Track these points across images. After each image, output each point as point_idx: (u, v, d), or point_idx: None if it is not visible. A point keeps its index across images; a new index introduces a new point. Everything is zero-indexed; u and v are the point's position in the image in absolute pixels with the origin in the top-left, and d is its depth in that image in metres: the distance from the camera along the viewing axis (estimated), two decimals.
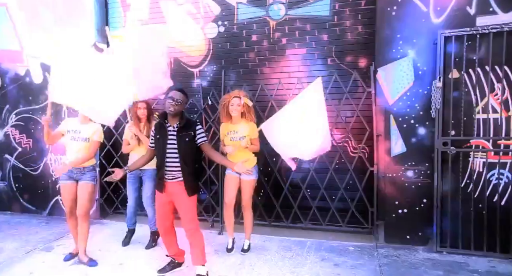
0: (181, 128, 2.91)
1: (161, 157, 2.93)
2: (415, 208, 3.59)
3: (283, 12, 4.27)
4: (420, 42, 3.50)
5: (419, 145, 3.56)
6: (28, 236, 4.22)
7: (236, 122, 3.43)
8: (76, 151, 3.31)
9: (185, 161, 2.89)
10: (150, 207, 3.74)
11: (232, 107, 3.38)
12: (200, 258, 3.00)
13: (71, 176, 3.33)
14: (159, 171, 2.97)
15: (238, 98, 3.36)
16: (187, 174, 2.90)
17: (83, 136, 3.31)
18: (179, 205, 2.97)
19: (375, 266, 3.18)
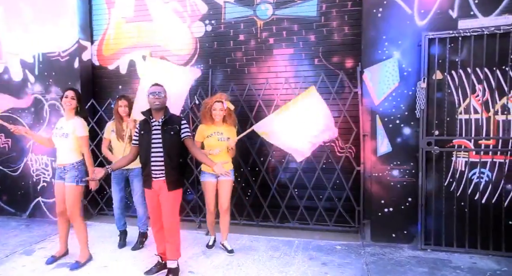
0: (166, 121, 2.93)
1: (146, 153, 2.92)
2: (400, 207, 3.66)
3: (271, 12, 4.27)
4: (405, 44, 3.57)
5: (404, 144, 3.63)
6: (7, 239, 4.07)
7: (218, 125, 3.43)
8: (59, 148, 3.25)
9: (169, 155, 2.89)
10: (141, 206, 3.69)
11: (214, 111, 3.36)
12: (174, 253, 3.01)
13: (60, 175, 3.28)
14: (145, 168, 2.95)
15: (220, 102, 3.34)
16: (170, 168, 2.90)
17: (62, 132, 3.22)
18: (162, 200, 2.96)
19: (362, 264, 3.22)
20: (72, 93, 3.27)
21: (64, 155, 3.22)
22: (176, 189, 2.97)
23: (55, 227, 4.40)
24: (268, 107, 4.11)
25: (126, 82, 4.84)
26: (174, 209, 2.99)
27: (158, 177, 2.92)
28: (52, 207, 4.81)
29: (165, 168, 2.90)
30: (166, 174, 2.90)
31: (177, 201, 3.02)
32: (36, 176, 4.90)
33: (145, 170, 2.97)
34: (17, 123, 4.90)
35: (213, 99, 3.38)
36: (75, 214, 3.23)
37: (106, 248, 3.74)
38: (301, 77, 4.17)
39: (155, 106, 2.90)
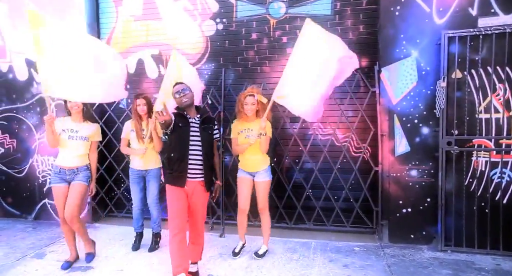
0: (204, 120, 2.90)
1: (183, 149, 2.78)
2: (419, 207, 3.61)
3: (284, 10, 4.21)
4: (423, 42, 3.53)
5: (422, 144, 3.59)
6: (16, 242, 3.96)
7: (251, 120, 3.31)
8: (75, 149, 3.16)
9: (207, 154, 2.86)
10: (155, 207, 3.62)
11: (246, 106, 3.25)
12: (199, 255, 3.03)
13: (63, 178, 3.17)
14: (180, 164, 2.76)
15: (252, 96, 3.25)
16: (207, 168, 2.86)
17: (81, 135, 3.17)
18: (196, 201, 2.87)
19: (383, 266, 3.17)
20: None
21: (77, 157, 3.17)
22: (209, 190, 2.95)
23: None
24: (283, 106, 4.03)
25: (134, 82, 4.74)
26: (205, 211, 2.99)
27: (194, 177, 2.83)
28: None
29: (203, 168, 2.84)
30: (204, 175, 2.85)
31: (206, 203, 3.01)
32: (42, 177, 4.78)
33: (179, 166, 2.75)
34: (21, 124, 4.80)
35: (244, 94, 3.28)
36: (76, 214, 3.12)
37: (119, 251, 3.65)
38: None
39: (185, 104, 2.85)
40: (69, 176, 3.15)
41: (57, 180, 3.15)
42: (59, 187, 3.16)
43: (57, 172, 3.15)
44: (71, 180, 3.16)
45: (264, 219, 3.43)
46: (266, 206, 3.40)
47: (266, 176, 3.34)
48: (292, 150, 4.10)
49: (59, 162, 3.16)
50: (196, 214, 2.91)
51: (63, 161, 3.16)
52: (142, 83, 4.71)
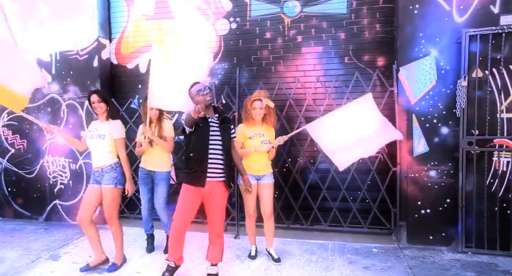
0: (223, 120, 2.88)
1: (204, 149, 2.75)
2: (438, 208, 3.57)
3: (299, 9, 4.17)
4: (442, 41, 3.48)
5: (441, 144, 3.54)
6: (29, 244, 3.92)
7: (258, 124, 3.26)
8: (96, 149, 3.12)
9: (227, 154, 2.85)
10: (164, 211, 3.52)
11: (254, 111, 3.19)
12: (219, 256, 2.97)
13: (96, 179, 3.14)
14: (201, 164, 2.74)
15: (260, 100, 3.20)
16: (227, 168, 2.84)
17: (99, 134, 3.11)
18: (214, 202, 2.83)
19: (405, 268, 3.12)
20: (97, 97, 3.13)
21: (100, 157, 3.11)
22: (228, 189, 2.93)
23: (75, 231, 4.29)
24: (299, 106, 4.00)
25: (146, 82, 4.63)
26: (224, 211, 2.95)
27: (214, 177, 2.80)
28: (69, 210, 4.67)
29: (224, 168, 2.82)
30: (226, 174, 2.83)
31: (226, 202, 2.98)
32: (53, 178, 4.74)
33: (199, 166, 2.74)
34: (32, 124, 4.76)
35: (251, 98, 3.23)
36: (114, 217, 3.13)
37: (134, 253, 3.60)
38: (330, 76, 4.07)
39: (209, 102, 2.81)
40: (98, 177, 3.12)
41: (93, 181, 3.16)
42: (91, 186, 3.15)
43: (93, 173, 3.16)
44: (100, 181, 3.12)
45: (270, 225, 3.33)
46: (273, 212, 3.32)
47: (272, 178, 3.33)
48: (308, 150, 4.05)
49: (92, 164, 3.16)
50: (214, 214, 2.88)
51: (93, 162, 3.16)
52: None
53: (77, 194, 4.64)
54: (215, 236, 2.92)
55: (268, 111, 3.21)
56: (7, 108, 4.37)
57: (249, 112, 3.21)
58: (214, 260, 2.95)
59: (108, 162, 3.10)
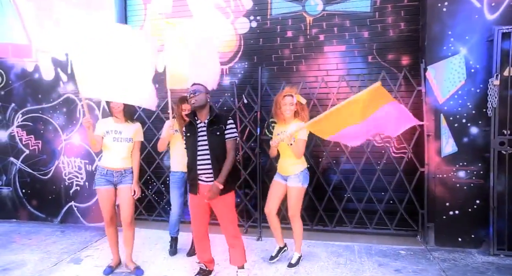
0: (211, 122, 2.77)
1: (192, 156, 2.78)
2: (467, 210, 3.50)
3: (321, 7, 4.10)
4: (472, 39, 3.42)
5: (471, 145, 3.48)
6: (47, 247, 3.84)
7: (289, 122, 3.17)
8: (120, 152, 3.04)
9: (216, 157, 2.74)
10: None
11: (284, 107, 3.10)
12: (241, 258, 2.91)
13: (110, 180, 3.05)
14: (191, 172, 2.81)
15: (290, 96, 3.13)
16: (218, 172, 2.72)
17: (125, 137, 3.05)
18: (215, 207, 2.81)
19: (438, 271, 3.05)
20: None
21: (123, 159, 3.05)
22: (228, 192, 2.79)
23: (92, 234, 4.22)
24: (322, 106, 3.94)
25: (162, 81, 4.57)
26: (230, 213, 2.85)
27: (207, 181, 2.76)
28: (85, 212, 4.59)
29: (213, 172, 2.73)
30: (214, 178, 2.72)
31: (231, 204, 2.87)
32: (68, 179, 4.66)
33: (190, 174, 2.82)
34: (47, 124, 4.69)
35: (282, 94, 3.15)
36: (133, 217, 3.09)
37: (157, 256, 3.53)
38: (353, 75, 4.01)
39: (193, 105, 2.76)
40: (117, 178, 3.04)
41: (103, 182, 3.03)
42: (106, 189, 3.04)
43: (104, 173, 3.03)
44: (118, 183, 3.05)
45: (295, 226, 3.23)
46: (297, 214, 3.19)
47: (298, 181, 3.11)
48: (332, 151, 3.98)
49: (106, 164, 3.04)
50: (221, 218, 2.86)
51: (109, 163, 3.04)
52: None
53: (93, 196, 4.55)
54: (231, 238, 2.86)
55: (300, 107, 3.13)
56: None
57: (280, 108, 3.14)
58: (238, 263, 2.88)
59: (130, 164, 3.10)
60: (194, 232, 2.94)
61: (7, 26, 4.75)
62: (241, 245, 2.87)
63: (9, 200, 4.90)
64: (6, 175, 4.90)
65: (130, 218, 3.08)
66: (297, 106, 3.14)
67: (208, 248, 2.99)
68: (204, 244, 2.94)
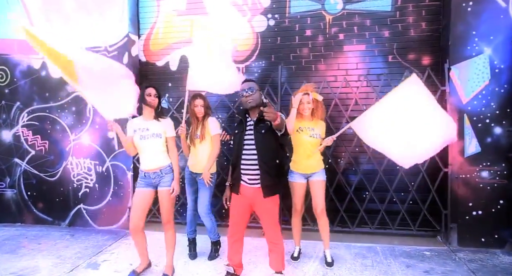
0: (259, 120, 2.66)
1: (237, 154, 2.69)
2: (490, 210, 3.50)
3: (341, 6, 4.06)
4: (497, 39, 3.42)
5: (494, 145, 3.48)
6: (59, 252, 3.69)
7: (308, 119, 3.12)
8: (149, 150, 2.90)
9: (262, 157, 2.62)
10: (208, 217, 3.33)
11: (302, 105, 3.05)
12: (280, 264, 2.80)
13: (149, 183, 2.92)
14: (234, 171, 2.73)
15: (307, 94, 3.06)
16: (263, 172, 2.62)
17: (153, 132, 2.90)
18: (258, 209, 2.73)
19: (468, 273, 3.03)
20: (154, 90, 2.95)
21: (158, 157, 2.91)
22: (273, 195, 2.69)
23: (105, 237, 4.08)
24: (344, 105, 3.89)
25: (176, 79, 4.53)
26: (274, 217, 2.75)
27: (251, 183, 2.68)
28: (95, 215, 4.44)
29: (260, 173, 2.63)
30: (261, 179, 2.64)
31: (275, 207, 2.75)
32: (77, 181, 4.50)
33: (233, 173, 2.74)
34: (55, 124, 4.52)
35: (299, 92, 3.08)
36: (172, 221, 2.96)
37: (177, 260, 3.40)
38: (373, 75, 3.98)
39: (249, 105, 2.67)
40: (154, 179, 2.90)
41: (142, 184, 2.92)
42: (142, 191, 2.92)
43: (143, 176, 2.92)
44: (157, 184, 2.92)
45: (324, 222, 3.22)
46: (324, 209, 3.19)
47: (323, 175, 3.18)
48: (353, 151, 3.94)
49: (142, 167, 2.93)
50: (262, 221, 2.80)
51: (144, 165, 2.92)
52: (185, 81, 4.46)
53: (104, 198, 4.41)
54: (270, 243, 2.77)
55: (316, 105, 3.08)
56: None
57: (297, 107, 3.07)
58: (276, 268, 2.80)
59: (166, 162, 2.94)
60: (230, 232, 2.84)
61: (13, 22, 4.57)
62: (281, 250, 2.77)
63: (13, 202, 4.70)
64: (10, 177, 4.71)
65: (167, 219, 2.94)
66: (313, 104, 3.08)
67: (241, 251, 2.90)
68: (238, 246, 2.86)
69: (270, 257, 2.81)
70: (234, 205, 2.80)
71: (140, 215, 2.91)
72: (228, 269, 2.90)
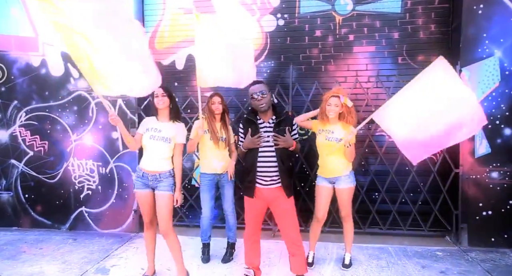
0: (279, 123, 2.65)
1: (252, 158, 2.64)
2: (500, 210, 3.55)
3: (351, 7, 4.05)
4: (507, 42, 3.48)
5: (504, 146, 3.54)
6: (64, 256, 3.55)
7: (332, 122, 3.05)
8: (155, 153, 2.80)
9: (282, 159, 2.63)
10: (232, 214, 3.35)
11: (329, 107, 2.98)
12: (303, 267, 2.77)
13: (146, 183, 2.82)
14: (249, 174, 2.67)
15: (337, 97, 3.02)
16: (283, 173, 2.63)
17: (163, 136, 2.79)
18: (278, 209, 2.69)
19: (484, 273, 3.06)
20: (161, 89, 2.84)
21: (159, 161, 2.81)
22: (292, 195, 2.70)
23: (110, 241, 3.96)
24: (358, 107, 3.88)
25: (182, 78, 4.44)
26: (295, 218, 2.74)
27: (268, 184, 2.65)
28: (98, 217, 4.30)
29: (279, 174, 2.62)
30: (282, 180, 2.63)
31: (293, 208, 2.74)
32: (78, 183, 4.35)
33: (248, 176, 2.68)
34: (55, 124, 4.36)
35: (329, 94, 3.03)
36: (171, 227, 2.84)
37: (190, 264, 3.32)
38: (383, 76, 3.99)
39: (262, 109, 2.64)
40: (152, 182, 2.80)
41: (140, 185, 2.82)
42: (143, 193, 2.82)
43: (140, 176, 2.81)
44: (154, 187, 2.83)
45: (349, 227, 3.18)
46: (350, 213, 3.15)
47: (349, 182, 3.03)
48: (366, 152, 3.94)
49: (142, 165, 2.82)
50: (281, 222, 2.74)
51: (145, 164, 2.81)
52: (192, 80, 4.39)
53: (107, 200, 4.28)
54: (292, 245, 2.73)
55: (347, 110, 3.00)
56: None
57: (324, 108, 3.03)
58: (300, 272, 2.75)
59: (166, 168, 2.82)
60: (247, 235, 2.82)
61: (11, 18, 4.38)
62: (302, 252, 2.74)
63: (9, 206, 4.50)
64: (6, 179, 4.50)
65: (165, 227, 2.81)
66: (342, 109, 3.03)
67: (259, 253, 2.85)
68: (256, 249, 2.82)
69: (292, 261, 2.76)
70: (250, 208, 2.77)
71: (150, 214, 2.87)
72: (248, 272, 2.84)
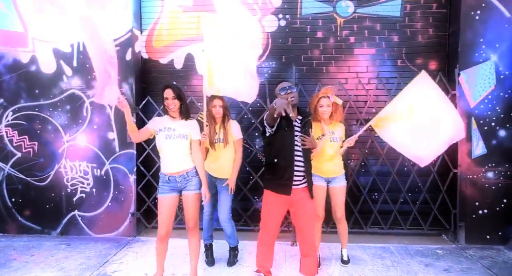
0: (305, 123, 2.66)
1: (290, 155, 2.57)
2: (495, 209, 3.69)
3: (352, 9, 4.10)
4: (502, 47, 3.63)
5: (499, 147, 3.68)
6: (59, 263, 3.38)
7: (327, 123, 3.10)
8: (175, 151, 2.72)
9: (307, 159, 2.64)
10: (229, 223, 3.20)
11: (321, 109, 3.03)
12: (315, 268, 2.74)
13: (175, 187, 2.73)
14: (286, 171, 2.56)
15: (327, 98, 3.04)
16: (308, 174, 2.64)
17: (180, 133, 2.72)
18: (301, 210, 2.65)
19: (484, 269, 3.16)
20: (171, 92, 2.75)
21: (183, 159, 2.73)
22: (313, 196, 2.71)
23: (106, 245, 3.83)
24: (359, 108, 3.93)
25: (181, 78, 4.34)
26: (313, 219, 2.73)
27: (298, 184, 2.62)
28: (92, 222, 4.13)
29: (305, 174, 2.62)
30: (307, 180, 2.63)
31: (314, 210, 2.78)
32: (71, 186, 4.16)
33: (285, 173, 2.56)
34: (45, 124, 4.15)
35: (318, 95, 3.05)
36: (198, 226, 2.79)
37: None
38: (383, 78, 4.06)
39: (292, 103, 2.60)
40: (180, 183, 2.71)
41: (166, 190, 2.72)
42: (168, 197, 2.72)
43: (166, 180, 2.71)
44: (183, 188, 2.74)
45: (343, 226, 3.25)
46: (344, 214, 3.21)
47: (344, 180, 3.17)
48: (367, 153, 3.99)
49: (165, 169, 2.73)
50: (303, 223, 2.69)
51: (168, 167, 2.72)
52: (191, 80, 4.31)
53: (102, 203, 4.11)
54: (307, 247, 2.69)
55: (335, 108, 3.06)
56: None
57: (316, 110, 3.05)
58: (311, 273, 2.73)
59: (191, 165, 2.76)
60: (263, 239, 2.71)
61: None
62: (316, 254, 2.73)
63: None
64: None
65: (194, 224, 2.77)
66: (332, 107, 3.06)
67: (272, 258, 2.80)
68: (270, 252, 2.76)
69: (304, 262, 2.73)
70: (273, 210, 2.66)
71: (170, 223, 2.74)
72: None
